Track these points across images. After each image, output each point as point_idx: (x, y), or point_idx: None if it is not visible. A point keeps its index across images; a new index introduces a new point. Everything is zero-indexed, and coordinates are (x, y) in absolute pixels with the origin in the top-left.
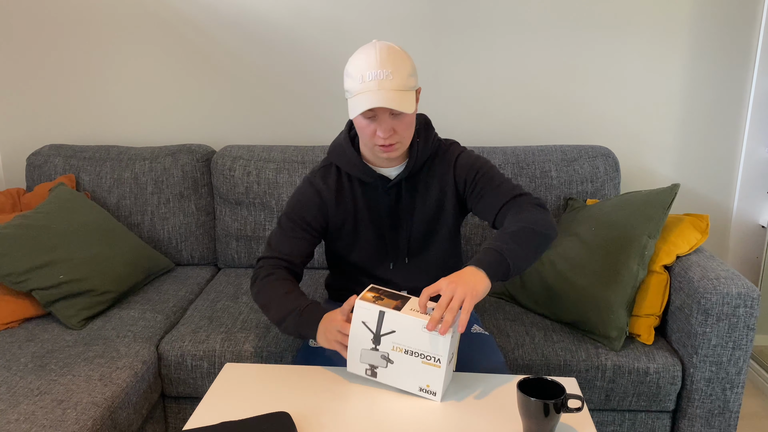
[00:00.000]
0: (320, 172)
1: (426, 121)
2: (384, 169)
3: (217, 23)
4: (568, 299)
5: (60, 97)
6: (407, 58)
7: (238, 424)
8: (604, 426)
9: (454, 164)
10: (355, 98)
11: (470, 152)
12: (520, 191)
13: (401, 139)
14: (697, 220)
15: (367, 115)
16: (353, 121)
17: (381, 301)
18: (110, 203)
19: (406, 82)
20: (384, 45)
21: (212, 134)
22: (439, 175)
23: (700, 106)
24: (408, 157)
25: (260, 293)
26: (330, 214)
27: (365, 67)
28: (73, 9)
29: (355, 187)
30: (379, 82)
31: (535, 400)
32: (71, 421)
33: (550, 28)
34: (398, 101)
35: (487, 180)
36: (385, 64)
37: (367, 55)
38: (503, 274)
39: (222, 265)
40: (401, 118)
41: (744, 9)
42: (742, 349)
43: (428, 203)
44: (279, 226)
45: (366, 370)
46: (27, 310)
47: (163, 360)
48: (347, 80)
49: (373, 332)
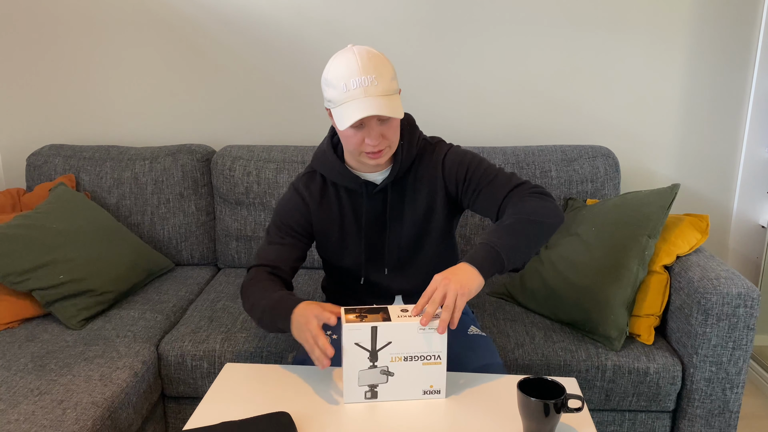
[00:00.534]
0: (304, 179)
1: (410, 121)
2: (369, 175)
3: (217, 23)
4: (568, 299)
5: (60, 97)
6: (387, 60)
7: (238, 424)
8: (604, 426)
9: (442, 164)
10: (341, 108)
11: (457, 148)
12: (518, 181)
13: (390, 143)
14: (697, 220)
15: (355, 124)
16: (338, 131)
17: (365, 318)
18: (110, 203)
19: (390, 86)
20: (363, 49)
21: (212, 134)
22: (427, 177)
23: (700, 106)
24: (393, 161)
25: (245, 300)
26: (314, 220)
27: (347, 74)
28: (73, 9)
29: (341, 194)
30: (365, 89)
31: (535, 400)
32: (71, 421)
33: (550, 28)
34: (388, 107)
35: (480, 175)
36: (368, 69)
37: (347, 61)
38: (498, 269)
39: (222, 265)
40: (389, 123)
41: (744, 9)
42: (742, 349)
43: (417, 206)
44: (266, 234)
45: (366, 393)
46: (27, 310)
47: (163, 360)
48: (328, 90)
49: (369, 350)
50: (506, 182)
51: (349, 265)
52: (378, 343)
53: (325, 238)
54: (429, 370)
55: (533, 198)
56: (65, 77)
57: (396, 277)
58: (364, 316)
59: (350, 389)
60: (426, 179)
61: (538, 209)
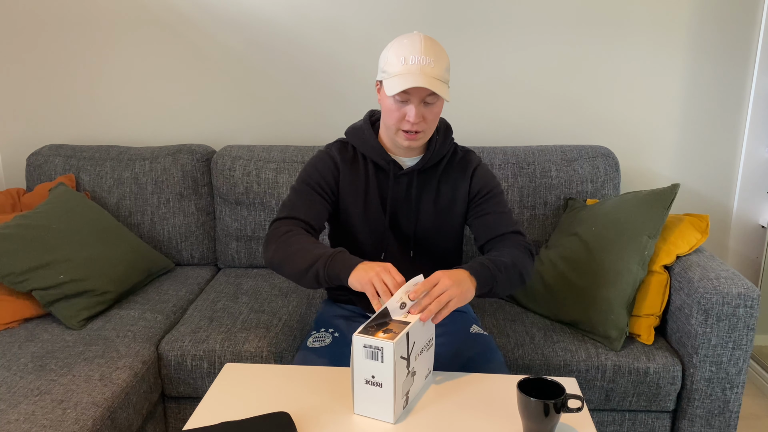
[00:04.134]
0: (337, 145)
1: (446, 124)
2: (399, 157)
3: (217, 23)
4: (568, 299)
5: (60, 97)
6: (446, 54)
7: (238, 424)
8: (604, 426)
9: (473, 173)
10: (394, 78)
11: (488, 167)
12: (519, 229)
13: (426, 128)
14: (697, 220)
15: (403, 98)
16: (383, 103)
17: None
18: (110, 203)
19: (444, 74)
20: (427, 36)
21: (212, 134)
22: (452, 179)
23: (700, 106)
24: (426, 150)
25: (279, 249)
26: (342, 183)
27: (409, 51)
28: (73, 9)
29: (369, 168)
30: (422, 67)
31: (535, 400)
32: (71, 421)
33: (550, 28)
34: (438, 87)
35: (496, 203)
36: (429, 52)
37: (411, 41)
38: (485, 292)
39: (222, 265)
40: (431, 108)
41: (744, 9)
42: (742, 349)
43: (438, 202)
44: (294, 191)
45: (404, 404)
46: (27, 310)
47: (163, 360)
48: (386, 62)
49: (407, 358)
50: (511, 223)
51: (369, 243)
52: (410, 349)
53: (349, 205)
54: (428, 355)
55: (527, 255)
56: (65, 77)
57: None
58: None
59: (397, 406)
60: (452, 178)
61: (527, 267)
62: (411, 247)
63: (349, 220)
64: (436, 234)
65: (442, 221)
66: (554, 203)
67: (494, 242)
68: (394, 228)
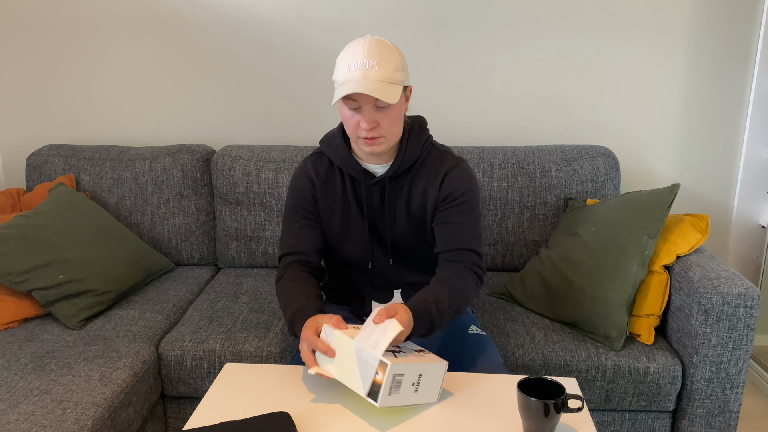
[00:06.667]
0: (312, 158)
1: (421, 123)
2: (371, 166)
3: (217, 23)
4: (568, 299)
5: (60, 97)
6: (396, 52)
7: (238, 424)
8: (604, 426)
9: (444, 177)
10: (340, 87)
11: (464, 172)
12: (476, 247)
13: (385, 133)
14: (697, 220)
15: (352, 106)
16: (340, 112)
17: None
18: (110, 203)
19: (392, 75)
20: (374, 38)
21: (212, 134)
22: (424, 181)
23: (700, 106)
24: (396, 156)
25: (278, 297)
26: (320, 198)
27: (352, 57)
28: (73, 9)
29: (345, 179)
30: (364, 72)
31: (535, 400)
32: (71, 421)
33: (550, 28)
34: (380, 91)
35: (461, 212)
36: (372, 55)
37: (355, 47)
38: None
39: (222, 265)
40: (386, 112)
41: (744, 9)
42: (742, 349)
43: (411, 206)
44: (284, 222)
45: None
46: (27, 310)
47: (163, 360)
48: (335, 71)
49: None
50: (469, 239)
51: (355, 253)
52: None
53: (328, 218)
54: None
55: (475, 283)
56: (65, 77)
57: (400, 268)
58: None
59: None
60: (424, 182)
61: (468, 298)
62: (390, 254)
63: (332, 232)
64: (412, 240)
65: (416, 228)
66: (554, 203)
67: (447, 255)
68: (374, 237)
